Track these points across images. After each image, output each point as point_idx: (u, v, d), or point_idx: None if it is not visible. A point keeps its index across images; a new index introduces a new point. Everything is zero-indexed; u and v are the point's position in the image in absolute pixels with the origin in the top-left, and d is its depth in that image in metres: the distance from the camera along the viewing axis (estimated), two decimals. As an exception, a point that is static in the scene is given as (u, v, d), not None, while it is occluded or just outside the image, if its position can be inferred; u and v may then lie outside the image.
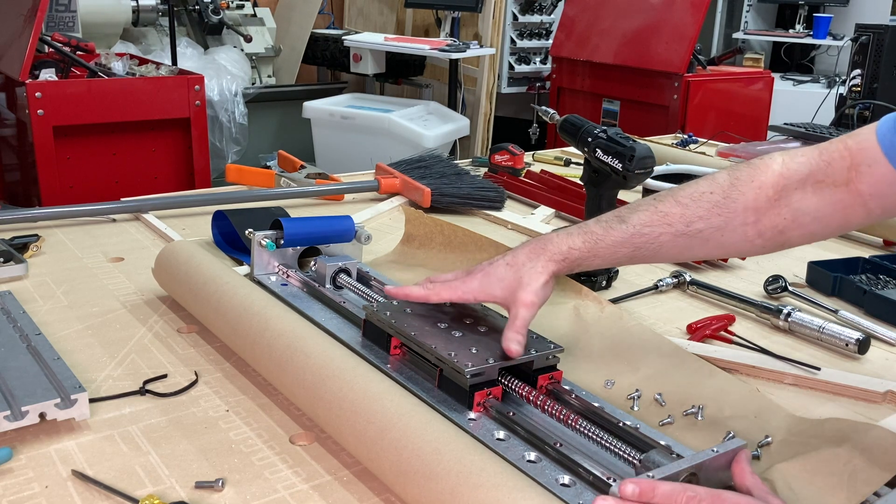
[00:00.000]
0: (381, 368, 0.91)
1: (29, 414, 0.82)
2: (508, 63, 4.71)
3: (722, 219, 0.88)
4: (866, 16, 4.76)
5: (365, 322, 0.99)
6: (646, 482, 0.64)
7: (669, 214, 0.89)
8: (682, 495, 0.64)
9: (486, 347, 0.88)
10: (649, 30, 3.59)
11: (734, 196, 0.87)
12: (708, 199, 0.88)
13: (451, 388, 0.86)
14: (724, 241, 0.89)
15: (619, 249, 0.90)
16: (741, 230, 0.88)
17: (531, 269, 0.90)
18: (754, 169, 0.89)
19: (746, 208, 0.87)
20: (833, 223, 0.87)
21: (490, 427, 0.81)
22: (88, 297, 1.22)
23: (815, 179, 0.85)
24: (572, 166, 2.17)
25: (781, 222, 0.87)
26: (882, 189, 0.82)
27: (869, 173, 0.83)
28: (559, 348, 0.90)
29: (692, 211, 0.88)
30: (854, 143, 0.85)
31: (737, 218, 0.87)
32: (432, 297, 0.95)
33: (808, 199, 0.86)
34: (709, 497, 0.64)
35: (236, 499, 0.76)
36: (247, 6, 4.38)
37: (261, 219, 1.34)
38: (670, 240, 0.89)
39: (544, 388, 0.88)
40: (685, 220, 0.88)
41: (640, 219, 0.90)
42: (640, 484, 0.64)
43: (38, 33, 2.49)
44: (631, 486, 0.64)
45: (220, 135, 3.73)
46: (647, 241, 0.90)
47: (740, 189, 0.88)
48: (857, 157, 0.84)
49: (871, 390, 1.00)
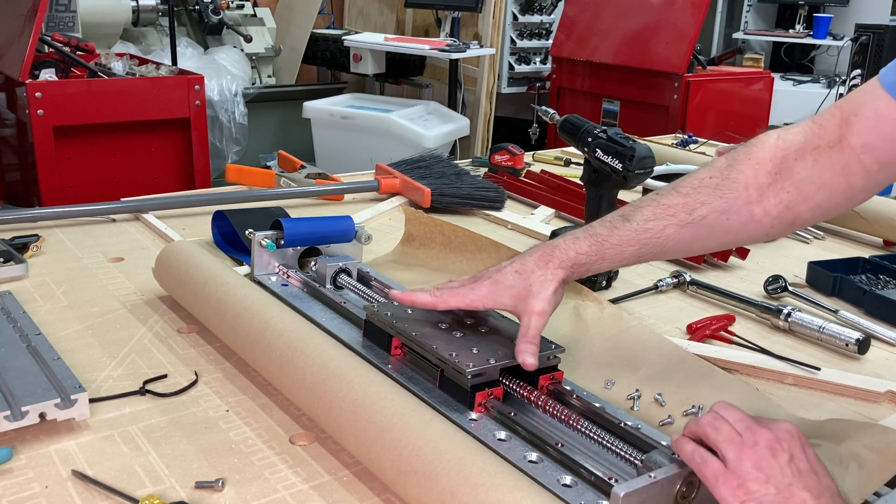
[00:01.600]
0: (381, 369, 0.91)
1: (29, 414, 0.82)
2: (508, 63, 4.71)
3: (724, 201, 0.86)
4: (866, 16, 4.76)
5: (366, 322, 0.99)
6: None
7: (672, 206, 0.88)
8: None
9: (487, 348, 0.88)
10: (649, 30, 3.59)
11: (733, 176, 0.86)
12: (708, 183, 0.87)
13: (453, 389, 0.86)
14: (731, 225, 0.87)
15: (626, 248, 0.89)
16: (746, 210, 0.86)
17: (541, 277, 0.89)
18: (751, 147, 0.88)
19: (748, 185, 0.85)
20: (838, 188, 0.84)
21: (491, 427, 0.81)
22: (88, 297, 1.22)
23: (813, 146, 0.84)
24: (572, 166, 2.17)
25: (786, 196, 0.85)
26: (870, 139, 0.81)
27: (857, 120, 0.82)
28: (560, 349, 0.90)
29: (694, 198, 0.87)
30: (844, 101, 0.84)
31: (739, 198, 0.86)
32: (440, 304, 0.93)
33: (809, 167, 0.84)
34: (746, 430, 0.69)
35: (236, 499, 0.76)
36: (247, 6, 4.38)
37: (261, 219, 1.34)
38: (676, 231, 0.87)
39: (545, 388, 0.88)
40: (688, 209, 0.87)
41: (644, 214, 0.89)
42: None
43: (38, 33, 2.49)
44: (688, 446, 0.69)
45: (220, 135, 3.73)
46: (652, 236, 0.88)
47: (739, 168, 0.86)
48: (847, 110, 0.83)
49: (871, 390, 1.00)
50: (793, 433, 0.69)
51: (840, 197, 0.85)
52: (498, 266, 0.93)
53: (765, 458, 0.66)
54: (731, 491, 0.65)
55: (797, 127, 0.87)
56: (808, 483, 0.65)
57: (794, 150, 0.85)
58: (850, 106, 0.83)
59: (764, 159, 0.86)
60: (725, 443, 0.68)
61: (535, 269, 0.90)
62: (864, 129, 0.81)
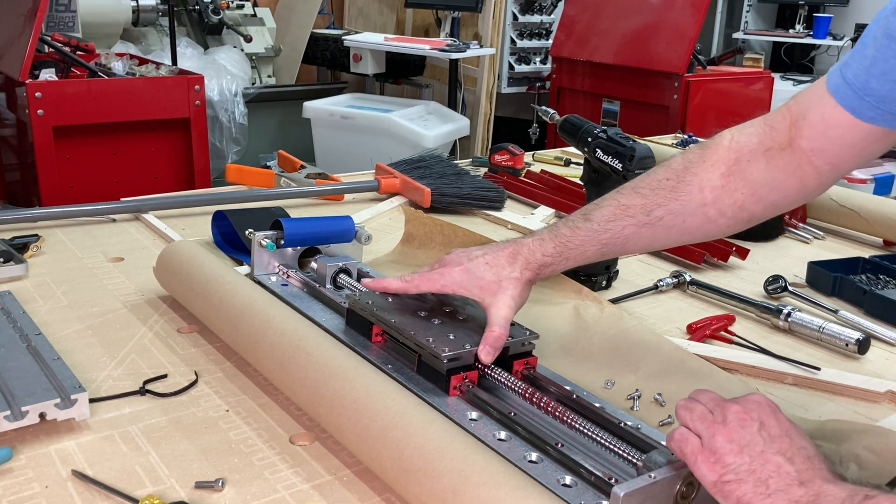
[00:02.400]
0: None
1: (29, 414, 0.82)
2: (508, 63, 4.71)
3: (679, 203, 0.88)
4: (866, 16, 4.76)
5: (348, 311, 1.02)
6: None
7: (631, 207, 0.90)
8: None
9: (463, 335, 0.91)
10: (649, 30, 3.59)
11: (688, 179, 0.88)
12: (665, 185, 0.89)
13: (430, 373, 0.89)
14: (688, 226, 0.90)
15: (588, 248, 0.92)
16: (701, 212, 0.88)
17: (510, 276, 0.92)
18: (705, 149, 0.89)
19: (702, 188, 0.88)
20: (791, 189, 0.86)
21: (492, 427, 0.81)
22: (88, 297, 1.22)
23: (765, 147, 0.86)
24: (572, 166, 2.17)
25: (740, 197, 0.87)
26: (818, 143, 0.82)
27: (805, 125, 0.83)
28: (535, 335, 0.93)
29: (651, 200, 0.89)
30: (794, 102, 0.86)
31: (694, 200, 0.88)
32: (410, 288, 0.97)
33: (762, 169, 0.86)
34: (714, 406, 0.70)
35: (236, 499, 0.76)
36: (247, 6, 4.38)
37: (261, 219, 1.34)
38: (635, 231, 0.90)
39: (519, 373, 0.91)
40: (646, 210, 0.89)
41: (604, 215, 0.91)
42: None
43: (38, 33, 2.49)
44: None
45: (220, 135, 3.73)
46: (612, 236, 0.91)
47: (693, 171, 0.88)
48: (795, 112, 0.84)
49: (871, 390, 1.00)
50: (761, 402, 0.70)
51: (794, 196, 0.87)
52: (468, 252, 0.96)
53: (735, 430, 0.67)
54: (709, 467, 0.66)
55: (751, 127, 0.88)
56: (780, 447, 0.66)
57: (747, 152, 0.86)
58: (798, 109, 0.85)
59: (718, 161, 0.88)
60: (699, 421, 0.69)
61: (505, 265, 0.92)
62: (813, 134, 0.83)
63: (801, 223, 1.66)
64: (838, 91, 0.81)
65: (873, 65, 0.78)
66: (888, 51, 0.76)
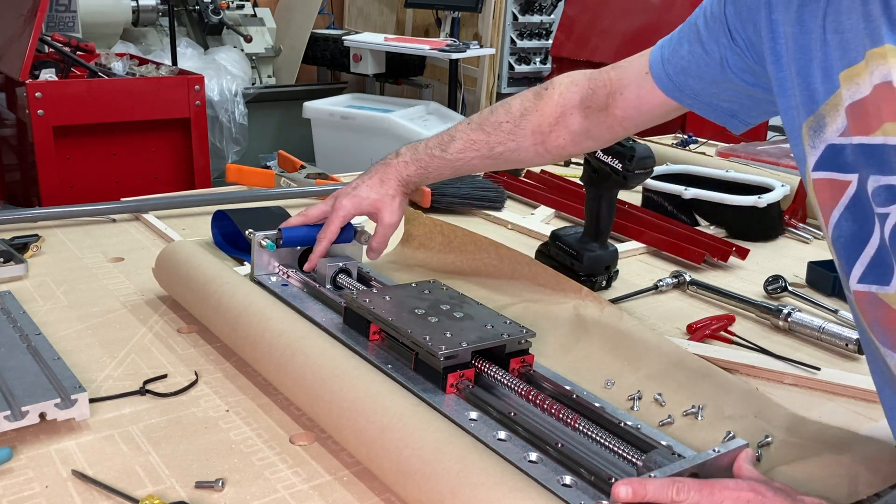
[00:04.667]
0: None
1: (29, 414, 0.82)
2: (508, 63, 4.71)
3: (515, 143, 1.11)
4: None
5: (345, 309, 1.02)
6: (637, 481, 0.64)
7: (477, 142, 1.13)
8: (670, 488, 0.64)
9: (459, 332, 0.91)
10: (649, 30, 3.59)
11: (523, 125, 1.10)
12: (505, 128, 1.11)
13: (426, 371, 0.89)
14: (521, 159, 1.14)
15: (444, 172, 1.17)
16: (532, 149, 1.11)
17: (387, 193, 1.16)
18: (539, 99, 1.10)
19: (534, 132, 1.09)
20: (602, 138, 1.09)
21: (491, 427, 0.81)
22: (88, 297, 1.22)
23: (585, 105, 1.05)
24: (572, 166, 2.17)
25: (562, 142, 1.09)
26: (630, 113, 1.01)
27: (622, 100, 1.01)
28: (531, 333, 0.93)
29: (494, 138, 1.12)
30: (615, 74, 1.03)
31: (527, 140, 1.10)
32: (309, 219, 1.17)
33: (581, 121, 1.06)
34: (696, 485, 0.65)
35: (236, 499, 0.76)
36: (247, 6, 4.38)
37: (261, 219, 1.34)
38: (481, 161, 1.14)
39: (516, 370, 0.91)
40: (489, 146, 1.12)
41: (456, 147, 1.14)
42: (631, 484, 0.64)
43: (38, 33, 2.48)
44: (623, 488, 0.64)
45: (220, 135, 3.73)
46: (463, 164, 1.15)
47: (528, 118, 1.10)
48: (615, 86, 1.02)
49: (871, 390, 0.99)
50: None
51: (605, 142, 1.11)
52: (350, 185, 1.18)
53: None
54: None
55: (576, 85, 1.07)
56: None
57: (571, 107, 1.07)
58: (619, 82, 1.01)
59: (547, 112, 1.08)
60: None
61: (380, 184, 1.16)
62: (627, 107, 1.01)
63: (801, 223, 1.66)
64: (656, 68, 0.96)
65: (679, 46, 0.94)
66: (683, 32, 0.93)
